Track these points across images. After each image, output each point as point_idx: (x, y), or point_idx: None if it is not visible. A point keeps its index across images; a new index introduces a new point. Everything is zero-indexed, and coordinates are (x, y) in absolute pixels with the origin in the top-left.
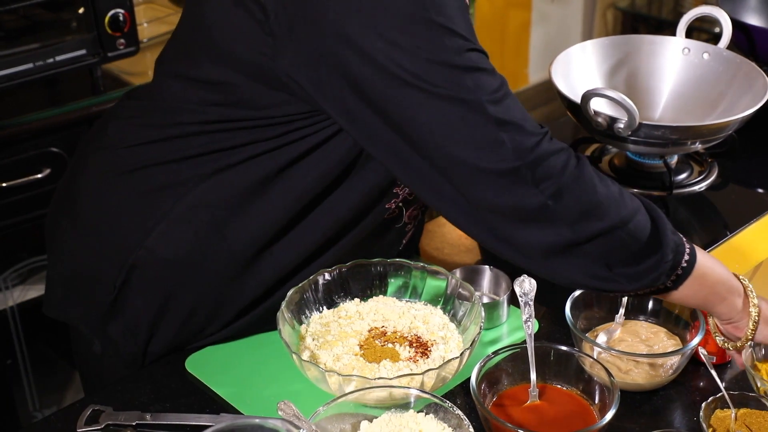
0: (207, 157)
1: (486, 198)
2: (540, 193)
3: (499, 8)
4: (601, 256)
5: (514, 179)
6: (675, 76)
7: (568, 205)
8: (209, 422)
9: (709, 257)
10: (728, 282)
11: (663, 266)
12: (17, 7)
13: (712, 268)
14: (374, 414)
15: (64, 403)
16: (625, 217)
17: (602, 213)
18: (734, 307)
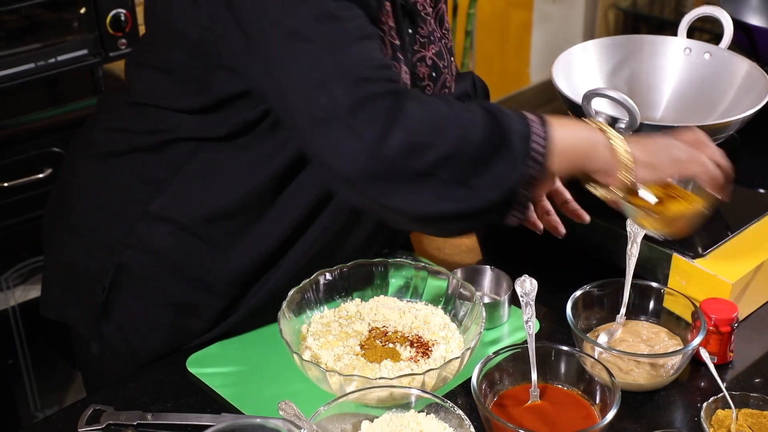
0: (177, 146)
1: (317, 149)
2: (363, 141)
3: (500, 8)
4: (453, 179)
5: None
6: (676, 76)
7: (396, 146)
8: (210, 422)
9: (565, 125)
10: (590, 139)
11: (517, 159)
12: (18, 7)
13: (570, 136)
14: (375, 414)
15: (65, 402)
16: (462, 134)
17: (437, 141)
18: (603, 159)
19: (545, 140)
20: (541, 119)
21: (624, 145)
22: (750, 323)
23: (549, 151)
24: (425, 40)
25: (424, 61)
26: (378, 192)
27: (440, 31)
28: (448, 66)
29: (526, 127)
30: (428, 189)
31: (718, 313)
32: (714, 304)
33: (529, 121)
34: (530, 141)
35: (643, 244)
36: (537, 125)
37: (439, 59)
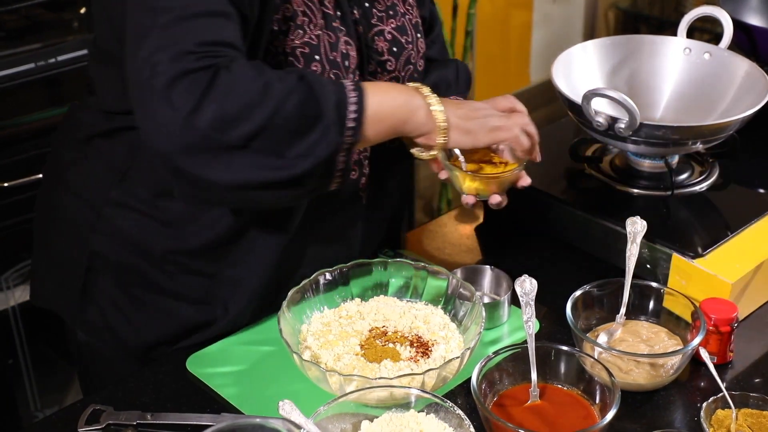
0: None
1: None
2: (176, 114)
3: (500, 9)
4: (267, 150)
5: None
6: (676, 76)
7: (208, 119)
8: (210, 422)
9: (381, 91)
10: (407, 104)
11: (330, 128)
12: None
13: (386, 101)
14: (375, 414)
15: (65, 402)
16: (275, 106)
17: (249, 114)
18: (420, 123)
19: (359, 107)
20: (355, 86)
21: (440, 108)
22: (750, 323)
23: (363, 119)
24: (383, 14)
25: (382, 35)
26: (193, 165)
27: (403, 7)
28: (412, 42)
29: (342, 96)
30: (243, 160)
31: (718, 313)
32: (714, 304)
33: (345, 89)
34: (345, 109)
35: (642, 244)
36: (352, 93)
37: (401, 34)
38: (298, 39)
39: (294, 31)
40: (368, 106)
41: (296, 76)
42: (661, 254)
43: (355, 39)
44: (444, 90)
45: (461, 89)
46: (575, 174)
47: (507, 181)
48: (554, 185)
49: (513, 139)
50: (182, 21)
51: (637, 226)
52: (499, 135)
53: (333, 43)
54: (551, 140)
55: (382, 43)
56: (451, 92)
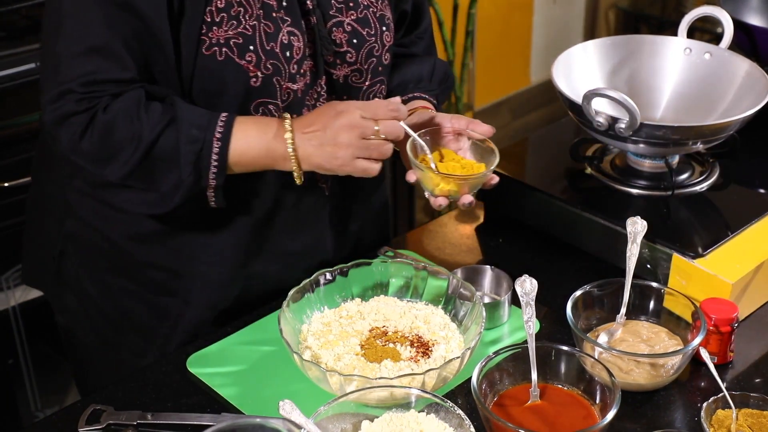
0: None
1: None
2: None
3: (501, 8)
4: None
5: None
6: (676, 76)
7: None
8: (210, 422)
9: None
10: (268, 151)
11: (185, 178)
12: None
13: (247, 150)
14: (375, 414)
15: (65, 402)
16: (144, 150)
17: (119, 157)
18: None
19: (219, 157)
20: (223, 132)
21: (293, 151)
22: (750, 323)
23: (222, 166)
24: (342, 5)
25: (341, 26)
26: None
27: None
28: (375, 34)
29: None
30: (126, 193)
31: (718, 313)
32: (714, 304)
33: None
34: (207, 160)
35: (643, 244)
36: (215, 144)
37: (363, 26)
38: (232, 30)
39: (228, 22)
40: (229, 154)
41: (167, 120)
42: (662, 254)
43: (304, 29)
44: (413, 86)
45: (433, 86)
46: (575, 174)
47: (479, 182)
48: (554, 185)
49: (363, 174)
50: (67, 61)
51: (637, 226)
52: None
53: (271, 33)
54: (552, 140)
55: (341, 34)
56: (422, 88)
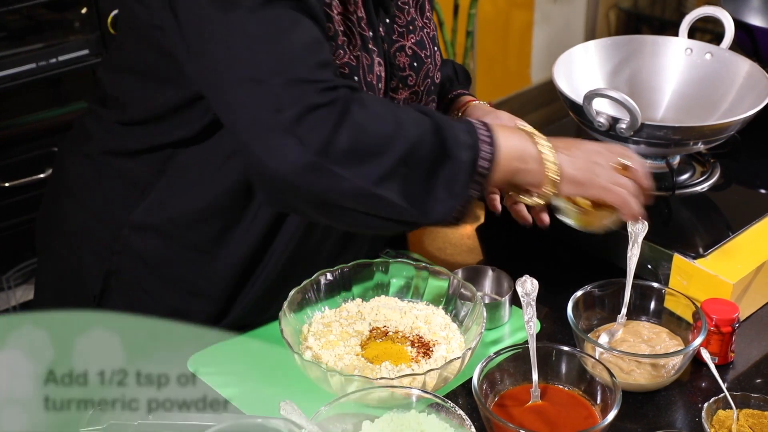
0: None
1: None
2: (306, 149)
3: (501, 9)
4: (398, 193)
5: (279, 131)
6: (677, 76)
7: (338, 158)
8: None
9: (508, 142)
10: (524, 155)
11: (459, 185)
12: (21, 7)
13: (509, 152)
14: (376, 414)
15: None
16: (405, 149)
17: (382, 156)
18: (534, 175)
19: (491, 158)
20: (489, 134)
21: (553, 158)
22: (751, 323)
23: (492, 169)
24: (403, 29)
25: (403, 50)
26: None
27: (421, 20)
28: (431, 56)
29: (474, 145)
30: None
31: (719, 313)
32: (715, 305)
33: (477, 137)
34: (477, 160)
35: (644, 244)
36: (485, 144)
37: (420, 48)
38: (339, 59)
39: (335, 51)
40: (498, 156)
41: (430, 119)
42: (663, 254)
43: (383, 57)
44: (449, 86)
45: (463, 84)
46: None
47: (613, 223)
48: None
49: (621, 204)
50: (285, 38)
51: (638, 227)
52: (608, 196)
53: (369, 65)
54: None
55: (404, 58)
56: (455, 87)
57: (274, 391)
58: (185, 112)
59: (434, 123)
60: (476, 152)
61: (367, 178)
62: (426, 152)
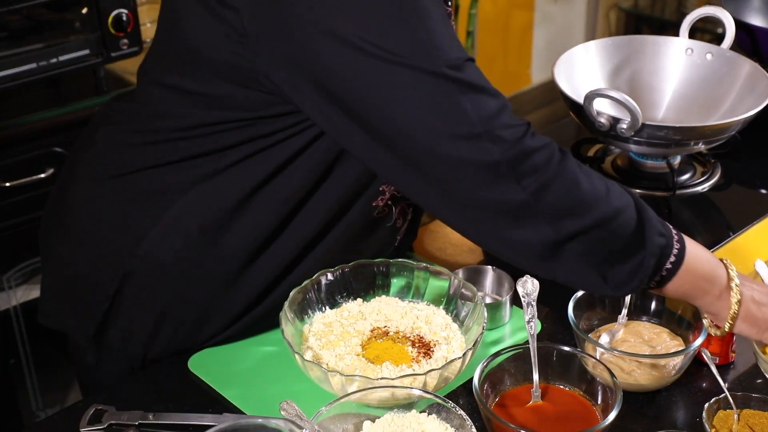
0: (193, 162)
1: (467, 191)
2: (522, 190)
3: (502, 9)
4: (583, 255)
5: (495, 173)
6: (678, 76)
7: (550, 203)
8: (212, 422)
9: (698, 251)
10: (713, 276)
11: (644, 269)
12: (21, 7)
13: (698, 263)
14: (377, 414)
15: (67, 402)
16: (607, 214)
17: (584, 210)
18: (715, 300)
19: (677, 259)
20: (679, 239)
21: (737, 293)
22: None
23: (676, 273)
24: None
25: None
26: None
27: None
28: None
29: (667, 241)
30: (561, 261)
31: None
32: None
33: (670, 236)
34: (667, 257)
35: None
36: (675, 242)
37: None
38: None
39: None
40: (685, 261)
41: (632, 197)
42: None
43: None
44: None
45: None
46: None
47: None
48: None
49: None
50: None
51: None
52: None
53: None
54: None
55: None
56: None
57: (274, 391)
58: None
59: (637, 201)
60: (669, 245)
61: (561, 231)
62: (625, 224)
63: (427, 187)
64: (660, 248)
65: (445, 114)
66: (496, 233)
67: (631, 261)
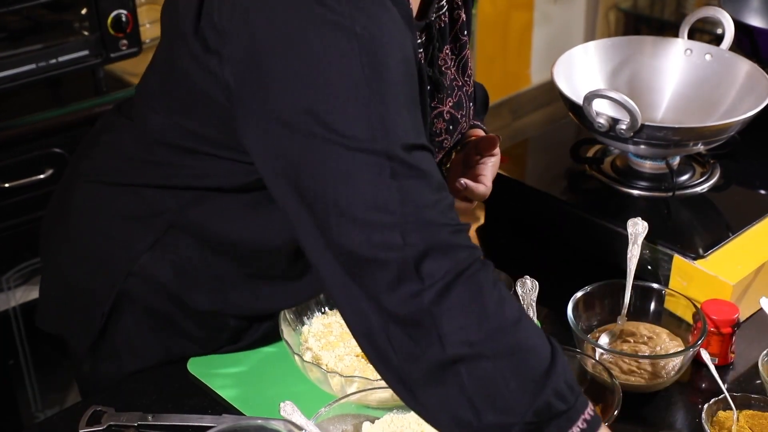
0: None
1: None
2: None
3: (501, 9)
4: (467, 391)
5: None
6: (677, 77)
7: (446, 312)
8: (211, 423)
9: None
10: None
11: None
12: (20, 8)
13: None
14: (376, 415)
15: (66, 403)
16: (502, 349)
17: (476, 333)
18: None
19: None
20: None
21: None
22: (751, 324)
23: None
24: (443, 95)
25: (441, 116)
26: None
27: (462, 79)
28: (466, 114)
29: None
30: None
31: (719, 314)
32: (715, 306)
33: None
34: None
35: (643, 245)
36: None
37: (457, 110)
38: None
39: None
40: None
41: (549, 351)
42: (663, 255)
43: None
44: None
45: (479, 111)
46: (576, 175)
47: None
48: (555, 186)
49: None
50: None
51: (638, 228)
52: None
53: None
54: (552, 141)
55: (441, 123)
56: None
57: (274, 392)
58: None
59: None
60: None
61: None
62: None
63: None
64: (551, 410)
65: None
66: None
67: (510, 413)
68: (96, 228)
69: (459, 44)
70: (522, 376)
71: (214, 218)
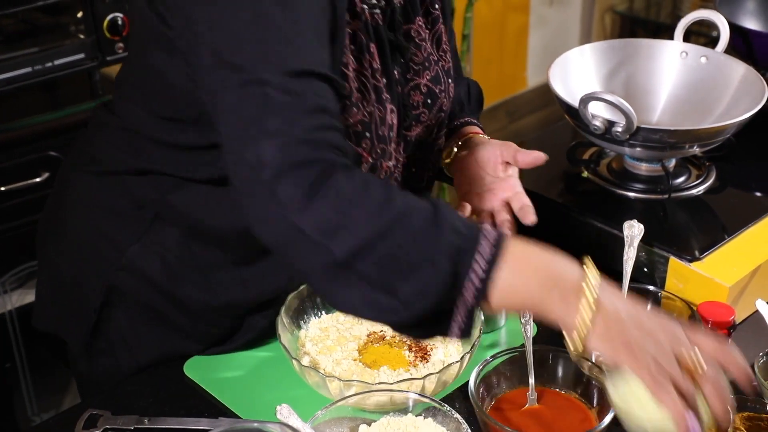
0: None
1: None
2: (282, 208)
3: (497, 12)
4: (375, 279)
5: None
6: (673, 79)
7: (314, 222)
8: (208, 426)
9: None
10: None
11: (438, 272)
12: (16, 11)
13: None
14: (373, 418)
15: (62, 407)
16: (383, 227)
17: (355, 225)
18: (560, 316)
19: (486, 275)
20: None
21: (589, 312)
22: (747, 326)
23: (488, 286)
24: (419, 67)
25: (418, 89)
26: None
27: (437, 54)
28: (445, 90)
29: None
30: (350, 288)
31: (715, 316)
32: (711, 308)
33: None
34: (468, 267)
35: (640, 247)
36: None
37: (435, 84)
38: (352, 117)
39: (349, 109)
40: (499, 278)
41: (430, 204)
42: (659, 257)
43: (397, 102)
44: (459, 112)
45: (473, 108)
46: (572, 177)
47: None
48: (551, 188)
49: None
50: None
51: (634, 230)
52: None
53: (382, 117)
54: (548, 144)
55: (418, 96)
56: (464, 114)
57: (270, 395)
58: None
59: (434, 214)
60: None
61: (340, 247)
62: (408, 239)
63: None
64: (457, 249)
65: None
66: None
67: (422, 274)
68: (85, 221)
69: (431, 18)
70: (414, 235)
71: (193, 204)
